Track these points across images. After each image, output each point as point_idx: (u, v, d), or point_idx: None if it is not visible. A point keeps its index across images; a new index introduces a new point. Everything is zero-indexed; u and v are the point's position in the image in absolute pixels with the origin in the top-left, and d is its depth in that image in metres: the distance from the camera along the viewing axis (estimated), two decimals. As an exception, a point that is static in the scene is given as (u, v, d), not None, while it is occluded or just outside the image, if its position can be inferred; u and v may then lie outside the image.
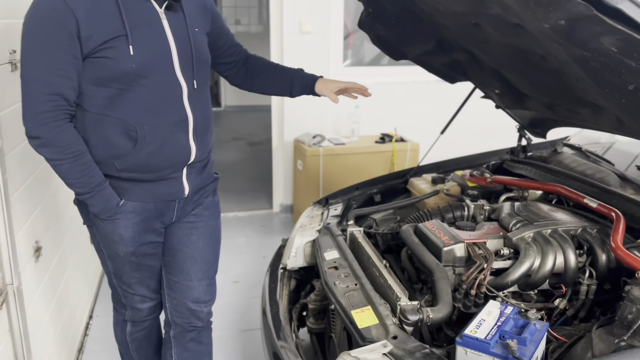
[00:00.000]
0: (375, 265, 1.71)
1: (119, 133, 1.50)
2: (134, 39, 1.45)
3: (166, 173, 1.60)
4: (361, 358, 1.30)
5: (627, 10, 0.92)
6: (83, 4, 1.40)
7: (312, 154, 3.54)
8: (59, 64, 1.40)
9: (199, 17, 1.68)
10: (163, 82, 1.53)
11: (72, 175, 1.49)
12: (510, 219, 1.79)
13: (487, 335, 1.28)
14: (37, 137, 1.43)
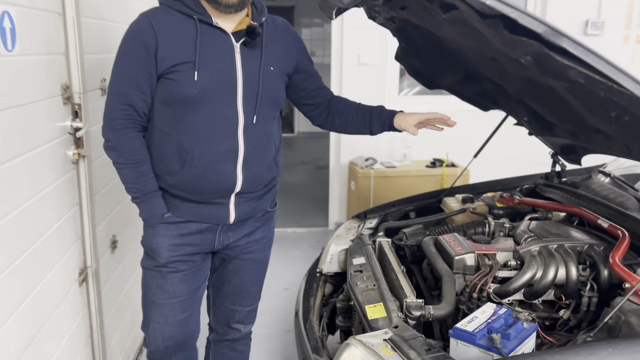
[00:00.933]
0: (394, 270, 1.91)
1: (172, 151, 1.61)
2: (201, 66, 1.55)
3: (211, 197, 1.66)
4: (364, 341, 1.51)
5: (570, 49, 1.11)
6: (166, 28, 1.54)
7: (364, 176, 3.78)
8: (135, 78, 1.54)
9: (282, 57, 1.73)
10: (221, 111, 1.60)
11: (129, 180, 1.62)
12: (523, 234, 1.94)
13: (475, 329, 1.46)
14: (108, 139, 1.60)
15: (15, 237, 1.41)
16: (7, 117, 1.35)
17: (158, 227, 1.68)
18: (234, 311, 1.93)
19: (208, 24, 1.58)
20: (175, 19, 1.56)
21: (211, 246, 1.75)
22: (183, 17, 1.57)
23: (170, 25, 1.55)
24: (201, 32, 1.56)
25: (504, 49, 1.37)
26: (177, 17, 1.57)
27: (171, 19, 1.56)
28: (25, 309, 1.46)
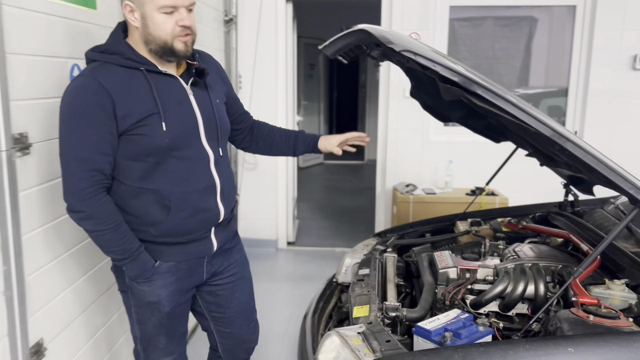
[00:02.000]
0: (389, 280, 2.19)
1: (153, 203, 1.60)
2: (166, 115, 1.56)
3: (198, 235, 1.70)
4: (341, 333, 1.80)
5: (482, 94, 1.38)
6: (118, 86, 1.51)
7: (403, 200, 4.04)
8: (97, 142, 1.49)
9: (219, 88, 1.81)
10: (192, 153, 1.64)
11: (113, 244, 1.57)
12: (507, 254, 2.15)
13: (433, 328, 1.71)
14: (79, 211, 1.51)
15: (76, 232, 1.86)
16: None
17: (154, 279, 1.67)
18: (241, 334, 1.99)
19: (156, 73, 1.60)
20: (120, 73, 1.54)
21: (201, 278, 1.79)
22: (127, 71, 1.56)
23: (119, 81, 1.53)
24: (153, 82, 1.57)
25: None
26: (121, 72, 1.55)
27: (116, 75, 1.54)
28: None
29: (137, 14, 1.55)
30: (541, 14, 4.36)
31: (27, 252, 1.55)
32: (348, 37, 1.75)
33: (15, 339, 1.50)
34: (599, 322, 1.59)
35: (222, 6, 3.74)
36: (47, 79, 1.67)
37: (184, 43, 1.59)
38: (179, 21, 1.56)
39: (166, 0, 1.52)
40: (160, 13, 1.54)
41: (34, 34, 1.59)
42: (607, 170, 1.49)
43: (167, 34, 1.56)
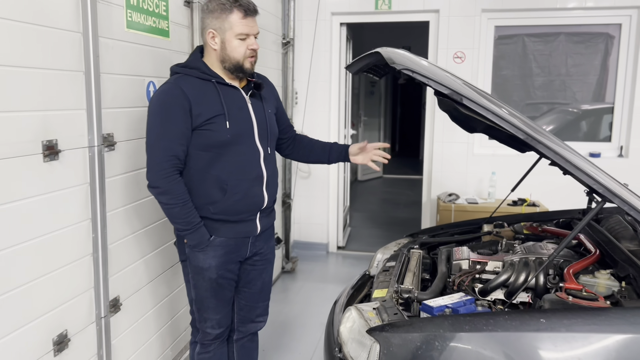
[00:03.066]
0: (410, 270, 2.48)
1: (214, 186, 1.96)
2: (229, 117, 1.95)
3: (246, 216, 2.06)
4: (359, 307, 2.12)
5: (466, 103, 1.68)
6: (194, 93, 1.90)
7: (445, 209, 4.28)
8: (176, 134, 1.87)
9: (271, 102, 2.20)
10: (247, 148, 2.01)
11: (180, 216, 1.91)
12: (516, 250, 2.39)
13: (436, 306, 2.00)
14: (157, 187, 1.87)
15: (152, 215, 2.31)
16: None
17: (207, 250, 2.01)
18: (255, 308, 2.31)
19: (224, 84, 2.00)
20: (196, 83, 1.94)
21: (245, 254, 2.14)
22: (202, 82, 1.95)
23: (195, 89, 1.91)
24: (221, 90, 1.97)
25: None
26: (198, 82, 1.94)
27: (193, 84, 1.93)
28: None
29: (218, 39, 1.97)
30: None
31: (110, 225, 2.00)
32: (367, 58, 2.09)
33: (99, 292, 1.94)
34: (577, 302, 1.82)
35: (280, 30, 4.20)
36: (129, 93, 2.13)
37: (251, 63, 2.01)
38: (250, 46, 1.98)
39: (242, 29, 1.95)
40: (236, 39, 1.96)
41: (120, 58, 2.05)
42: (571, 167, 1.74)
43: (240, 55, 1.97)
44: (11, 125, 1.52)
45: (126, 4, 2.06)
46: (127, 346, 2.18)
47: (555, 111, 4.76)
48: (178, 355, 2.64)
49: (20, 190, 1.57)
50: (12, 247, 1.55)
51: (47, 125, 1.66)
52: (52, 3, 1.66)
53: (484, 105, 1.74)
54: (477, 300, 2.03)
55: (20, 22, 1.54)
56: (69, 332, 1.80)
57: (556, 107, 4.73)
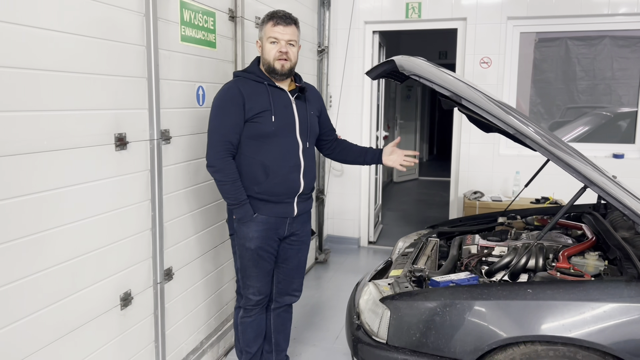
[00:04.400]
0: (425, 254, 2.77)
1: (259, 169, 2.31)
2: (275, 112, 2.31)
3: (284, 198, 2.38)
4: (375, 282, 2.43)
5: (464, 103, 1.97)
6: (249, 91, 2.29)
7: (470, 206, 4.52)
8: (231, 124, 2.26)
9: (315, 106, 2.54)
10: (288, 140, 2.36)
11: (230, 192, 2.28)
12: (522, 238, 2.64)
13: (441, 280, 2.28)
14: (213, 165, 2.26)
15: (201, 199, 2.69)
16: (199, 139, 2.65)
17: (250, 224, 2.35)
18: (291, 283, 2.63)
19: (273, 86, 2.35)
20: (251, 84, 2.32)
21: (283, 233, 2.46)
22: (255, 83, 2.33)
23: (249, 88, 2.30)
24: (270, 91, 2.34)
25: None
26: (252, 83, 2.33)
27: (249, 84, 2.32)
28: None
29: (260, 47, 2.37)
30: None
31: (166, 206, 2.37)
32: (385, 65, 2.40)
33: (156, 261, 2.32)
34: (563, 278, 2.07)
35: (316, 39, 4.54)
36: (182, 95, 2.51)
37: (281, 65, 2.32)
38: (279, 49, 2.31)
39: (272, 34, 2.31)
40: (268, 43, 2.32)
41: (175, 66, 2.44)
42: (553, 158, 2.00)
43: (271, 57, 2.32)
44: (91, 120, 1.92)
45: (181, 20, 2.45)
46: (178, 311, 2.55)
47: (589, 114, 4.88)
48: (221, 325, 3.01)
49: (97, 172, 1.96)
50: (89, 217, 1.94)
51: (118, 121, 2.05)
52: (123, 23, 2.06)
53: (480, 105, 2.02)
54: (480, 279, 2.31)
55: (98, 38, 1.93)
56: (132, 292, 2.18)
57: (589, 110, 4.85)
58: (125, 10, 2.06)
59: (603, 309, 1.84)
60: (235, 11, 2.98)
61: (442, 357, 2.00)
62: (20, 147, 1.62)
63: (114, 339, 2.10)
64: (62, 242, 1.82)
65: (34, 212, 1.69)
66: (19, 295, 1.66)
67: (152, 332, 2.34)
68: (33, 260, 1.70)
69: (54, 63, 1.74)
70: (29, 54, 1.64)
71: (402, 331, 2.08)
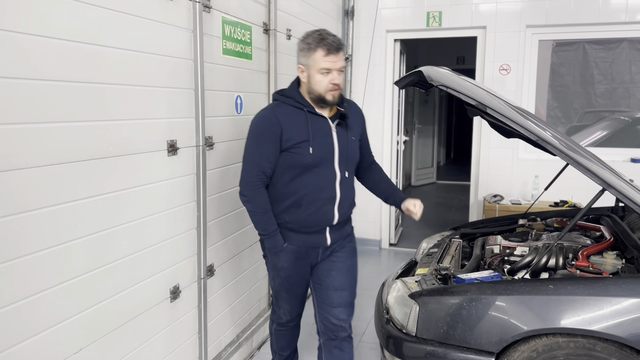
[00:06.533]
0: (449, 254, 2.93)
1: (292, 199, 2.22)
2: (314, 143, 2.17)
3: (316, 229, 2.28)
4: (404, 280, 2.58)
5: (489, 112, 2.13)
6: (287, 119, 2.16)
7: (490, 209, 4.65)
8: (266, 154, 2.16)
9: (356, 129, 2.37)
10: (326, 171, 2.23)
11: (260, 222, 2.22)
12: (543, 238, 2.78)
13: (467, 279, 2.43)
14: (245, 195, 2.21)
15: (237, 202, 2.87)
16: (236, 145, 2.84)
17: (280, 254, 2.30)
18: (332, 308, 2.40)
19: (313, 113, 2.22)
20: (290, 110, 2.19)
21: (315, 261, 2.37)
22: (294, 109, 2.20)
23: (288, 116, 2.18)
24: (310, 119, 2.20)
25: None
26: (291, 109, 2.20)
27: (287, 111, 2.19)
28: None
29: (305, 74, 2.20)
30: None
31: (209, 208, 2.56)
32: (412, 75, 2.56)
33: (200, 258, 2.51)
34: (583, 275, 2.21)
35: (340, 47, 4.74)
36: (222, 104, 2.70)
37: (332, 96, 2.18)
38: (331, 80, 2.15)
39: (324, 65, 2.14)
40: (319, 74, 2.14)
41: (217, 77, 2.63)
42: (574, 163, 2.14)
43: (322, 89, 2.16)
44: (149, 128, 2.11)
45: (222, 35, 2.64)
46: (217, 305, 2.73)
47: (607, 119, 4.98)
48: (254, 320, 3.18)
49: (153, 176, 2.15)
50: (147, 216, 2.13)
51: (171, 129, 2.24)
52: (175, 39, 2.25)
53: (503, 113, 2.17)
54: (503, 277, 2.45)
55: (154, 54, 2.12)
56: (180, 286, 2.37)
57: (607, 114, 4.94)
58: (177, 28, 2.26)
59: (621, 303, 1.98)
60: (269, 24, 3.16)
61: (469, 348, 2.15)
62: (90, 154, 1.82)
63: (165, 329, 2.29)
64: (125, 238, 2.01)
65: (99, 212, 1.88)
66: (90, 284, 1.85)
67: (196, 324, 2.52)
68: (99, 255, 1.90)
69: (117, 77, 1.93)
70: (96, 69, 1.84)
71: (431, 324, 2.23)
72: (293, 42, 3.52)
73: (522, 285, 2.16)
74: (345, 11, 4.75)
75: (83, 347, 1.83)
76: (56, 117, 1.67)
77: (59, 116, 1.69)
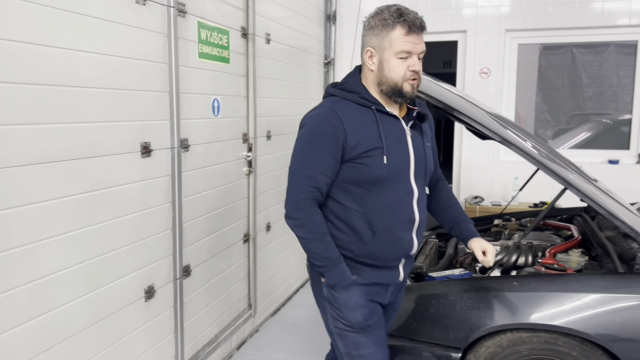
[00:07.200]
0: (423, 253, 2.98)
1: (362, 225, 1.75)
2: (387, 151, 1.72)
3: (391, 262, 1.84)
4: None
5: (456, 114, 2.19)
6: (352, 121, 1.71)
7: (470, 210, 4.71)
8: (323, 165, 1.69)
9: (428, 134, 1.93)
10: (401, 187, 1.77)
11: (317, 251, 1.73)
12: (514, 237, 2.84)
13: (437, 275, 2.48)
14: (295, 218, 1.73)
15: (215, 203, 2.92)
16: (214, 147, 2.89)
17: (352, 288, 1.80)
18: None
19: (383, 112, 1.78)
20: (354, 109, 1.74)
21: (385, 301, 1.90)
22: (360, 108, 1.75)
23: (353, 116, 1.72)
24: (381, 120, 1.75)
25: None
26: (355, 108, 1.75)
27: (351, 110, 1.73)
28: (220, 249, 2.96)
29: (376, 59, 1.76)
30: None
31: (185, 208, 2.60)
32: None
33: (176, 258, 2.55)
34: (547, 272, 2.27)
35: (322, 52, 4.78)
36: (199, 107, 2.74)
37: (411, 86, 1.76)
38: (411, 66, 1.73)
39: (404, 46, 1.71)
40: (396, 58, 1.73)
41: (194, 80, 2.67)
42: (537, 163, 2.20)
43: (399, 76, 1.74)
44: (122, 131, 2.15)
45: (198, 39, 2.69)
46: (195, 305, 2.77)
47: (590, 121, 5.04)
48: (233, 321, 3.22)
49: (126, 177, 2.19)
50: (120, 217, 2.17)
51: (144, 131, 2.28)
52: (147, 43, 2.29)
53: (468, 114, 2.23)
54: (474, 275, 2.51)
55: (128, 58, 2.17)
56: (155, 286, 2.41)
57: (594, 117, 5.01)
58: (151, 32, 2.30)
59: (581, 299, 2.04)
60: (247, 29, 3.22)
61: (437, 344, 2.21)
62: (61, 155, 1.86)
63: (139, 328, 2.32)
64: (97, 238, 2.05)
65: (71, 212, 1.92)
66: (62, 283, 1.89)
67: (172, 324, 2.55)
68: (72, 254, 1.93)
69: (89, 80, 1.98)
70: (67, 72, 1.88)
71: (401, 321, 2.28)
72: (272, 46, 3.57)
73: (487, 282, 2.22)
74: (327, 16, 4.81)
75: (54, 345, 1.87)
76: (27, 119, 1.72)
77: (30, 118, 1.73)
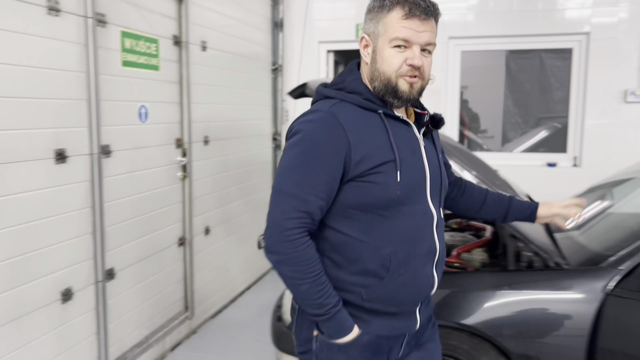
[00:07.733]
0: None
1: (373, 261, 1.39)
2: (401, 165, 1.37)
3: (409, 306, 1.47)
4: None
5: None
6: (356, 128, 1.35)
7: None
8: (318, 184, 1.33)
9: (438, 143, 1.59)
10: (419, 210, 1.42)
11: (310, 296, 1.36)
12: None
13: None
14: (279, 252, 1.34)
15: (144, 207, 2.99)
16: (141, 153, 2.96)
17: (350, 348, 1.43)
18: None
19: (392, 118, 1.43)
20: (358, 114, 1.40)
21: (396, 356, 1.53)
22: (364, 112, 1.41)
23: (357, 123, 1.37)
24: (390, 126, 1.40)
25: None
26: (358, 112, 1.40)
27: (354, 115, 1.39)
28: (150, 253, 3.03)
29: (370, 49, 1.43)
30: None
31: (108, 213, 2.66)
32: (302, 87, 2.72)
33: (97, 262, 2.61)
34: (449, 270, 2.39)
35: (270, 58, 4.88)
36: (123, 114, 2.81)
37: (409, 84, 1.40)
38: (409, 59, 1.38)
39: (400, 32, 1.37)
40: (390, 47, 1.39)
41: (116, 88, 2.74)
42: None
43: (392, 69, 1.39)
44: (33, 138, 2.22)
45: (121, 48, 2.77)
46: (121, 307, 2.83)
47: (542, 125, 5.21)
48: (167, 323, 3.29)
49: (38, 183, 2.26)
50: (30, 222, 2.23)
51: (58, 138, 2.35)
52: (61, 52, 2.36)
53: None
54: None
55: (40, 67, 2.24)
56: (73, 289, 2.47)
57: (544, 121, 5.16)
58: (65, 42, 2.38)
59: (471, 295, 2.15)
60: (180, 37, 3.30)
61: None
62: (-36, 162, 1.92)
63: (55, 330, 2.39)
64: (6, 242, 2.11)
65: (-23, 217, 1.99)
66: (-37, 287, 1.95)
67: (93, 325, 2.62)
68: (-24, 258, 2.00)
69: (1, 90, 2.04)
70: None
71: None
72: (209, 53, 3.65)
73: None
74: (274, 23, 4.91)
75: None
76: None
77: None
